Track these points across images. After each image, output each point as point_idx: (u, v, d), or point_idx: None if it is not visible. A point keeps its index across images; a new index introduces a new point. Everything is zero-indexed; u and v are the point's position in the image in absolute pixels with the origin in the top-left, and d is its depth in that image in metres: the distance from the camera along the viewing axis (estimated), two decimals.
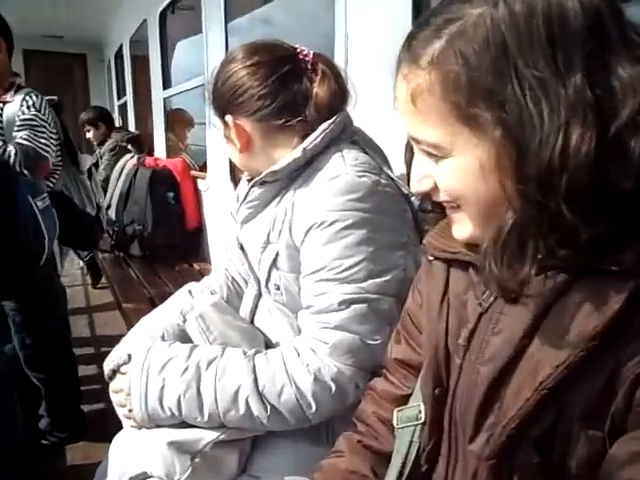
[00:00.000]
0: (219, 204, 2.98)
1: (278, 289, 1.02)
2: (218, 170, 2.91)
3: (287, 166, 0.97)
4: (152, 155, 4.17)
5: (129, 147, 4.27)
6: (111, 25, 6.03)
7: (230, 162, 2.70)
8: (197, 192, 3.24)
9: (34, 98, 1.85)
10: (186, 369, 0.92)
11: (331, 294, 0.90)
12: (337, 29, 1.62)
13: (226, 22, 2.62)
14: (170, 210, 3.12)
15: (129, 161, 4.02)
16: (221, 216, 2.97)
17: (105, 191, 4.01)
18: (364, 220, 0.89)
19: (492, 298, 0.63)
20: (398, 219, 0.95)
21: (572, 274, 0.54)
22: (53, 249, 1.86)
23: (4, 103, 1.85)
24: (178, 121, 4.09)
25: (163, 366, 0.93)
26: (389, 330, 0.88)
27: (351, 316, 0.89)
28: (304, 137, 0.99)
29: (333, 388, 0.89)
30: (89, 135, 4.64)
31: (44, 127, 1.84)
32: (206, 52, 2.90)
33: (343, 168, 0.92)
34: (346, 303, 0.89)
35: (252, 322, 1.14)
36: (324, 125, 0.98)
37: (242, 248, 1.12)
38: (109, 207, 3.83)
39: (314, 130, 0.98)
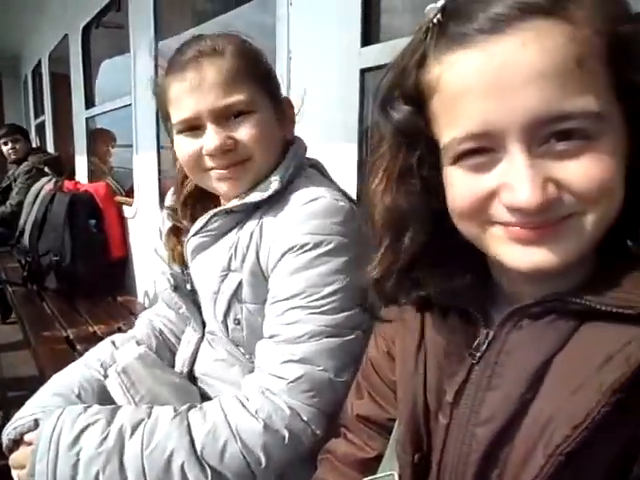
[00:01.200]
0: (147, 232, 2.77)
1: (238, 324, 0.89)
2: (146, 195, 2.72)
3: (264, 199, 0.87)
4: (72, 179, 3.88)
5: (46, 170, 3.96)
6: (29, 39, 5.67)
7: (159, 187, 2.52)
8: (122, 219, 3.00)
9: None
10: (105, 438, 0.76)
11: (303, 324, 0.80)
12: (279, 47, 1.53)
13: (156, 41, 2.47)
14: (91, 239, 2.86)
15: (46, 185, 3.72)
16: (150, 245, 2.76)
17: (18, 217, 3.69)
18: (345, 246, 0.81)
19: (485, 346, 0.55)
20: (367, 249, 0.87)
21: (577, 317, 0.48)
22: None
23: None
24: (101, 142, 3.84)
25: (77, 437, 0.76)
26: (354, 370, 0.79)
27: (321, 349, 0.79)
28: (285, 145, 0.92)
29: (286, 436, 0.77)
30: (6, 148, 4.28)
31: None
32: (134, 73, 2.73)
33: (320, 191, 0.85)
34: (319, 335, 0.79)
35: (191, 371, 1.01)
36: (293, 149, 0.91)
37: (176, 289, 1.00)
38: (22, 235, 3.50)
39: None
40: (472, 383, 0.55)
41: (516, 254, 0.49)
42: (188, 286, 1.00)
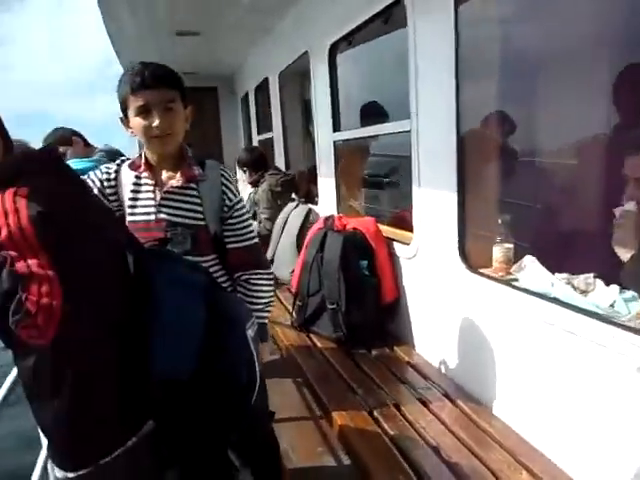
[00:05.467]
0: (429, 273, 2.42)
1: None
2: (430, 233, 2.37)
3: None
4: (310, 202, 3.78)
5: (281, 191, 3.93)
6: (250, 58, 5.81)
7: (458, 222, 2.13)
8: (392, 257, 2.68)
9: None
10: None
11: None
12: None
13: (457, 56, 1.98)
14: (364, 283, 2.59)
15: (293, 211, 3.66)
16: (432, 286, 2.42)
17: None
18: None
19: None
20: None
21: None
22: None
23: None
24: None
25: None
26: None
27: None
28: None
29: None
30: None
31: None
32: (415, 95, 2.37)
33: None
34: None
35: None
36: None
37: None
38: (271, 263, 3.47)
39: None
40: None
41: None
42: None
